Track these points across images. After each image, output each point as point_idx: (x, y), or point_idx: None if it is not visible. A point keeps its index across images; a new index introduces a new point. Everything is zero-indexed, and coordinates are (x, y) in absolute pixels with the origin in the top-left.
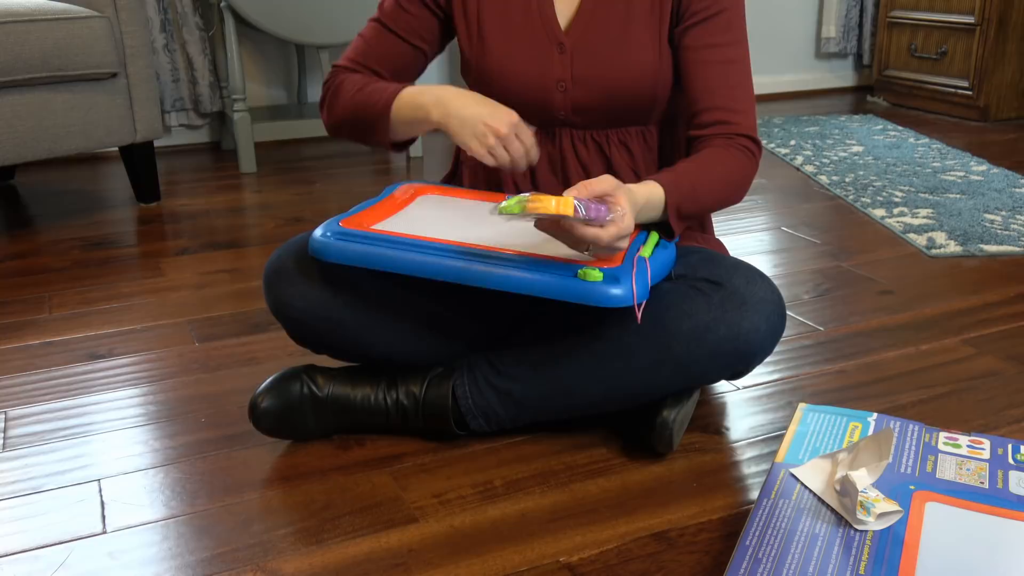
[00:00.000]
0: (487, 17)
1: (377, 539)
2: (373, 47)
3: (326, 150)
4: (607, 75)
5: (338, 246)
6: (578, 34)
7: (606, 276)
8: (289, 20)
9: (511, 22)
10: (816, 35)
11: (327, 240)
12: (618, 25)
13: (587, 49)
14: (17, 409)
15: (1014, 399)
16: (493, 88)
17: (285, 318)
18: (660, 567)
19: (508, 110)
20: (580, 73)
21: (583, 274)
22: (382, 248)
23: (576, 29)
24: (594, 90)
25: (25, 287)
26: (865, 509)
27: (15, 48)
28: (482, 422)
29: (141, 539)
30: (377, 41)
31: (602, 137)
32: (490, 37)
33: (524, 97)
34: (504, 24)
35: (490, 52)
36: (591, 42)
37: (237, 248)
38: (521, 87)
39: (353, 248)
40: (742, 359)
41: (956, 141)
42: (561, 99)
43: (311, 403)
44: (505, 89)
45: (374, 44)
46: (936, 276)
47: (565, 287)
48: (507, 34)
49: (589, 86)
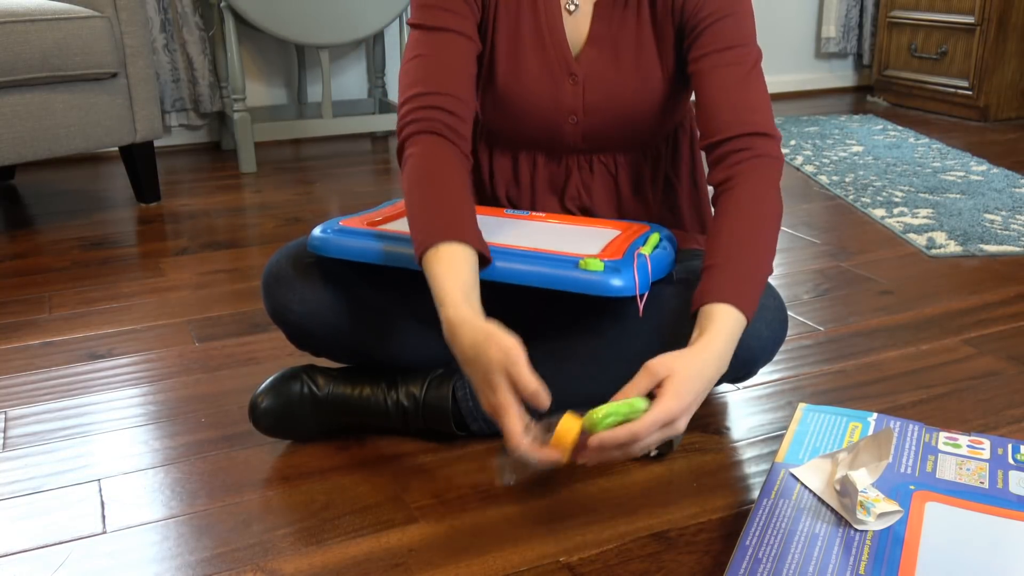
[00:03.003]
0: (499, 34)
1: (377, 539)
2: (431, 60)
3: (326, 150)
4: (619, 106)
5: (338, 241)
6: (589, 62)
7: (607, 267)
8: (289, 20)
9: (522, 44)
10: (816, 35)
11: (327, 236)
12: (629, 51)
13: (599, 79)
14: (17, 409)
15: (1014, 399)
16: (503, 113)
17: (284, 323)
18: (660, 567)
19: (493, 380)
20: (592, 104)
21: (584, 264)
22: (382, 243)
23: (587, 57)
24: (606, 121)
25: (25, 287)
26: (865, 509)
27: (15, 48)
28: (482, 423)
29: (141, 539)
30: (432, 50)
31: (608, 159)
32: (500, 58)
33: (534, 127)
34: (514, 46)
35: (500, 76)
36: (603, 71)
37: (237, 248)
38: (531, 118)
39: (353, 243)
40: (743, 365)
41: (956, 141)
42: (572, 130)
43: (311, 403)
44: (514, 118)
45: (430, 57)
46: (936, 276)
47: (567, 278)
48: (517, 58)
49: (601, 117)
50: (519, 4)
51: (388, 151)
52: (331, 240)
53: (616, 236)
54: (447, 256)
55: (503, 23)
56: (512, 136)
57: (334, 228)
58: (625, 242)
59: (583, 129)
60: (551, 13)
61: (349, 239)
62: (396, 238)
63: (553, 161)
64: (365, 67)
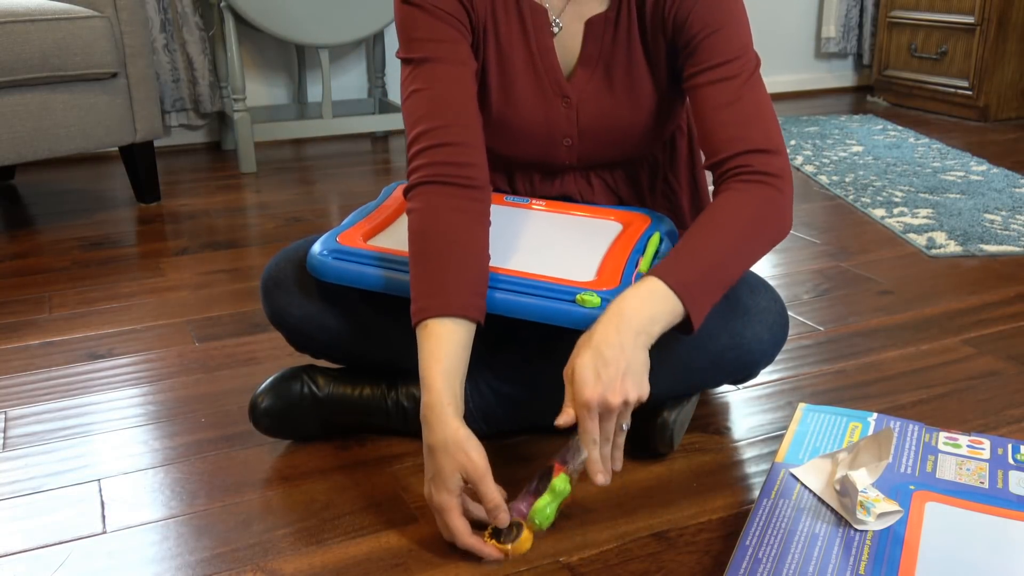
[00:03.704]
0: (490, 56)
1: (377, 539)
2: (430, 95)
3: (326, 150)
4: (613, 126)
5: (335, 267)
6: (582, 83)
7: (603, 302)
8: (289, 20)
9: (513, 67)
10: (816, 35)
11: (325, 260)
12: (621, 69)
13: (592, 101)
14: (17, 409)
15: (1014, 399)
16: (497, 135)
17: (283, 327)
18: (660, 567)
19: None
20: (586, 127)
21: (581, 300)
22: (379, 269)
23: (579, 78)
24: (600, 142)
25: (25, 287)
26: (865, 509)
27: (15, 48)
28: (482, 424)
29: (141, 539)
30: (428, 83)
31: (605, 174)
32: (492, 82)
33: (528, 149)
34: (506, 68)
35: (493, 99)
36: (595, 93)
37: (237, 248)
38: (525, 140)
39: (350, 269)
40: (744, 367)
41: (956, 141)
42: (566, 152)
43: (311, 403)
44: (509, 140)
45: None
46: (936, 276)
47: (563, 313)
48: (509, 81)
49: (595, 139)
50: (509, 26)
51: (388, 151)
52: (329, 265)
53: (617, 237)
54: (436, 334)
55: (492, 46)
56: (507, 156)
57: (331, 249)
58: (624, 251)
59: (578, 151)
60: (541, 35)
61: (347, 264)
62: (393, 261)
63: (549, 179)
64: (365, 67)
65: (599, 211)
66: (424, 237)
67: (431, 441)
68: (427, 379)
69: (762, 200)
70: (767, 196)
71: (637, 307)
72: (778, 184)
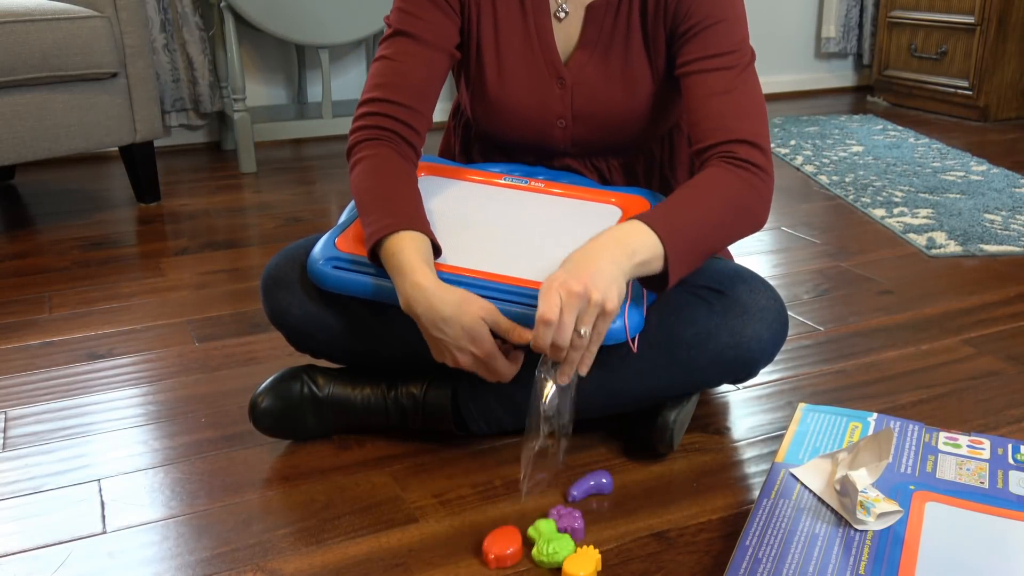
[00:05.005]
0: (484, 40)
1: (377, 539)
2: (395, 67)
3: (326, 150)
4: (607, 110)
5: (335, 276)
6: (579, 67)
7: None
8: (289, 20)
9: (509, 49)
10: (816, 35)
11: (325, 269)
12: (619, 56)
13: (587, 84)
14: (17, 409)
15: (1014, 399)
16: (492, 117)
17: (283, 326)
18: (660, 567)
19: (478, 333)
20: (580, 110)
21: None
22: (378, 279)
23: (577, 61)
24: (594, 126)
25: (25, 287)
26: (865, 509)
27: (15, 48)
28: (482, 424)
29: (141, 539)
30: (398, 55)
31: (602, 163)
32: (487, 64)
33: (523, 131)
34: (501, 51)
35: (488, 81)
36: (591, 76)
37: (237, 248)
38: (520, 122)
39: (349, 278)
40: (744, 366)
41: (956, 141)
42: (561, 135)
43: (311, 403)
44: (504, 122)
45: (395, 63)
46: (936, 276)
47: None
48: (505, 63)
49: (589, 123)
50: (507, 9)
51: None
52: (328, 275)
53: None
54: (410, 240)
55: (487, 29)
56: (503, 140)
57: (329, 256)
58: None
59: (572, 133)
60: (540, 18)
61: (344, 274)
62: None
63: (546, 166)
64: (365, 67)
65: (599, 193)
66: (380, 173)
67: (438, 310)
68: (410, 267)
69: (746, 184)
70: (751, 182)
71: (620, 237)
72: (762, 176)
